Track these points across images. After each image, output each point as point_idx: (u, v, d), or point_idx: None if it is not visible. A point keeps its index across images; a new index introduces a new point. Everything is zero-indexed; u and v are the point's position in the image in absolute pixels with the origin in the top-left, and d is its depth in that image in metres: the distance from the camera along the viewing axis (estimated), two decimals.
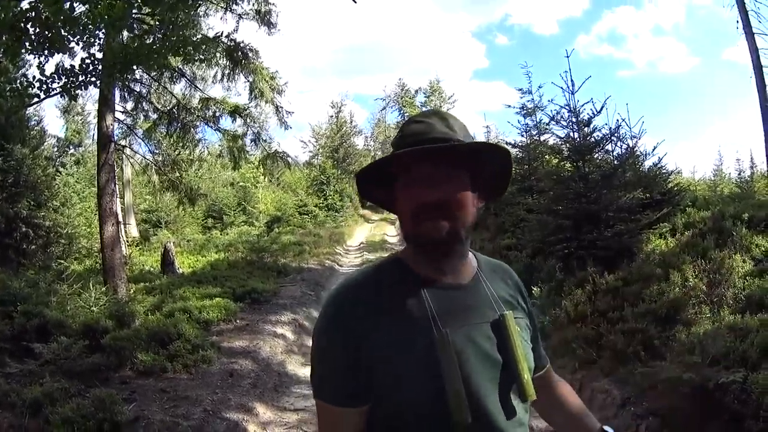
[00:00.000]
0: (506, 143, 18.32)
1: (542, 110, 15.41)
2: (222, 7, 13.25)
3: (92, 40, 5.70)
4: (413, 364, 1.29)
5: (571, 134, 10.15)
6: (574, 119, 10.05)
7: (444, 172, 1.33)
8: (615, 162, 10.11)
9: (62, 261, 13.66)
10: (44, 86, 5.91)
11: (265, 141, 15.84)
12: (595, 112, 9.88)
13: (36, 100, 6.07)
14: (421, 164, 1.33)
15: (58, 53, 5.69)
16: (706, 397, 4.28)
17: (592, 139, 9.97)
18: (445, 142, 1.32)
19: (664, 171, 10.83)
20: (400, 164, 1.35)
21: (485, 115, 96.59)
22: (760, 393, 3.92)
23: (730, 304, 5.91)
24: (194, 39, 7.17)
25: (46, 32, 5.23)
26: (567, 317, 7.06)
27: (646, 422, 4.68)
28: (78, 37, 5.42)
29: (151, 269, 15.10)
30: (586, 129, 9.98)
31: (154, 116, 14.12)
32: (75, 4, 5.23)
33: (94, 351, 6.62)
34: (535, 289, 8.63)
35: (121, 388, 5.90)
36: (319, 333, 1.40)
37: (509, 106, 19.58)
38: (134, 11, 5.71)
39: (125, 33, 6.50)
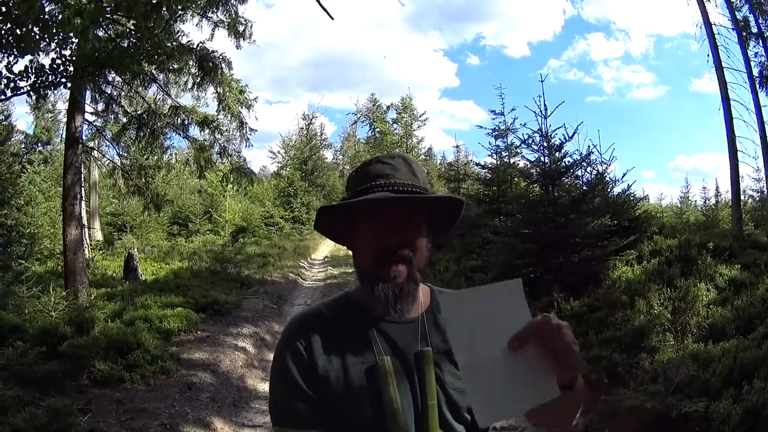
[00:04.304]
0: (476, 164, 18.49)
1: (514, 133, 15.55)
2: (198, 14, 13.11)
3: (64, 42, 5.59)
4: (355, 389, 1.37)
5: (542, 158, 10.21)
6: (545, 143, 10.11)
7: (407, 218, 1.40)
8: (584, 188, 10.20)
9: (23, 261, 13.25)
10: (11, 84, 5.75)
11: (231, 155, 15.69)
12: (567, 137, 9.96)
13: (2, 97, 5.90)
14: (387, 209, 1.39)
15: (28, 54, 5.55)
16: (668, 426, 4.31)
17: (563, 164, 10.05)
18: (410, 188, 1.40)
19: (633, 198, 10.98)
20: (367, 206, 1.40)
21: (455, 134, 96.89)
22: (721, 422, 3.97)
23: (693, 332, 6.00)
24: (168, 46, 7.07)
25: (17, 30, 5.11)
26: None
27: None
28: (49, 38, 5.31)
29: (114, 274, 14.78)
30: (557, 154, 10.06)
31: (124, 119, 13.88)
32: (45, 4, 5.12)
33: (51, 358, 6.48)
34: None
35: (76, 398, 5.75)
36: (274, 359, 1.48)
37: (481, 126, 19.81)
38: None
39: (99, 33, 6.32)
